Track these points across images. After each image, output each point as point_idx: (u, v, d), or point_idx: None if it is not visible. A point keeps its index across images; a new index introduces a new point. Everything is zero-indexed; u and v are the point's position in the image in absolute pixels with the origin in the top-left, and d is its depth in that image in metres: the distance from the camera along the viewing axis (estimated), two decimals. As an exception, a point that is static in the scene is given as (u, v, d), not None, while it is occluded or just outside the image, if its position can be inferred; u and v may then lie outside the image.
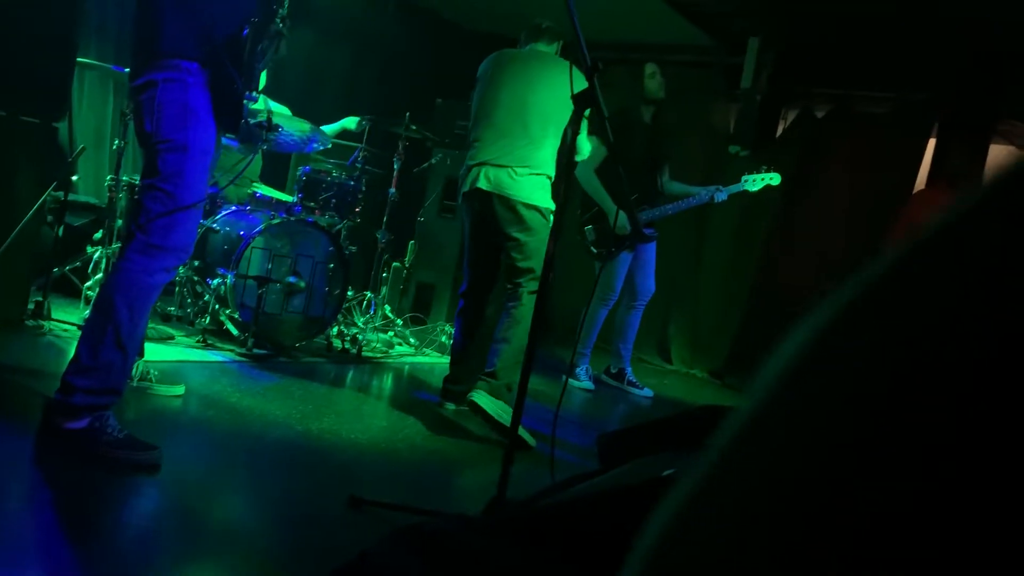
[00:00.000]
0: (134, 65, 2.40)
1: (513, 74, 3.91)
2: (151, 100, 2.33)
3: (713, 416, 1.98)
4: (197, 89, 2.34)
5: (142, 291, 2.39)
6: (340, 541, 2.18)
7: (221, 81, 2.36)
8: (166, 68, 2.32)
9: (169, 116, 2.33)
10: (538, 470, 2.90)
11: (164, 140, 2.34)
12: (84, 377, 2.33)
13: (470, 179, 3.80)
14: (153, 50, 2.34)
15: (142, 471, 2.33)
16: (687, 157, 6.28)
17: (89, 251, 4.29)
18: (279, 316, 4.39)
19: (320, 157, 5.54)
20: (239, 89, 2.38)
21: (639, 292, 5.25)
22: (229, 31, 2.34)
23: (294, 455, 2.86)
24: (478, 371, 3.72)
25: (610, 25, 6.37)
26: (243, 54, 2.34)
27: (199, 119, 2.35)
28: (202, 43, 2.32)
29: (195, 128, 2.35)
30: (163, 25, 2.34)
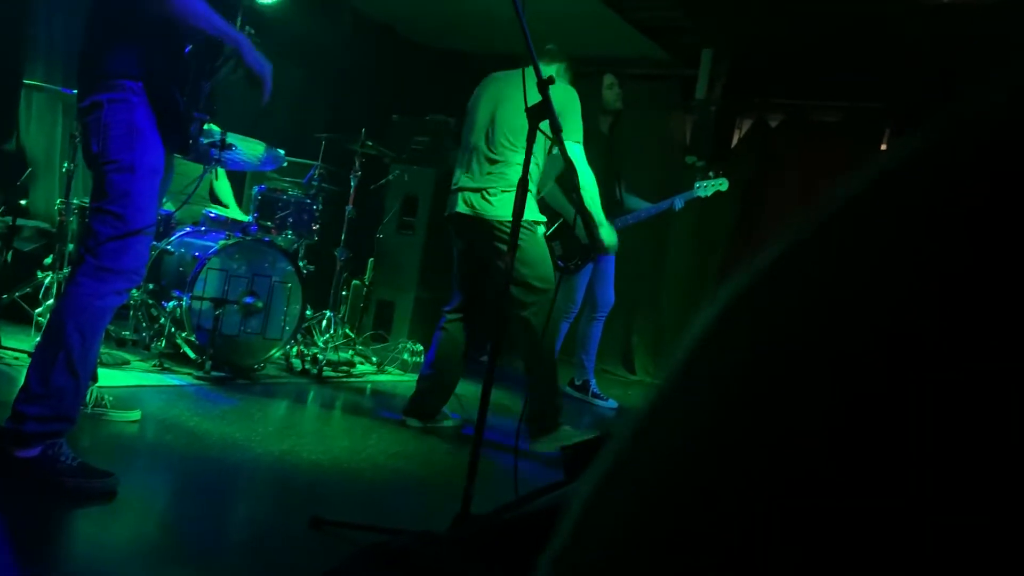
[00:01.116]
0: (80, 87, 2.36)
1: (486, 97, 3.98)
2: (97, 121, 2.29)
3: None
4: (143, 109, 2.30)
5: (93, 315, 2.33)
6: (303, 563, 2.14)
7: (164, 101, 2.32)
8: (111, 88, 2.28)
9: (115, 137, 2.29)
10: (503, 485, 2.88)
11: (111, 161, 2.29)
12: (35, 405, 2.27)
13: (450, 204, 3.85)
14: (97, 71, 2.30)
15: (97, 499, 2.27)
16: (644, 168, 6.35)
17: (39, 276, 4.19)
18: (237, 338, 4.32)
19: (275, 175, 5.49)
20: (182, 109, 2.34)
21: (599, 303, 5.26)
22: (170, 50, 2.31)
23: (255, 478, 2.81)
24: (449, 388, 3.88)
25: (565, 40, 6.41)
26: (185, 73, 2.31)
27: (146, 139, 2.32)
28: (144, 63, 2.29)
29: (142, 148, 2.31)
30: (106, 45, 2.31)
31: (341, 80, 6.91)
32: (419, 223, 5.87)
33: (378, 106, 6.53)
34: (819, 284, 0.26)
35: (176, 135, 2.39)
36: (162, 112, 2.33)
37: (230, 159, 4.54)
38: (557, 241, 5.08)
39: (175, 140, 2.40)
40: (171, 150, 2.45)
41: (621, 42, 6.52)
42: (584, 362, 5.38)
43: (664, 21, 6.27)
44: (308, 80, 6.78)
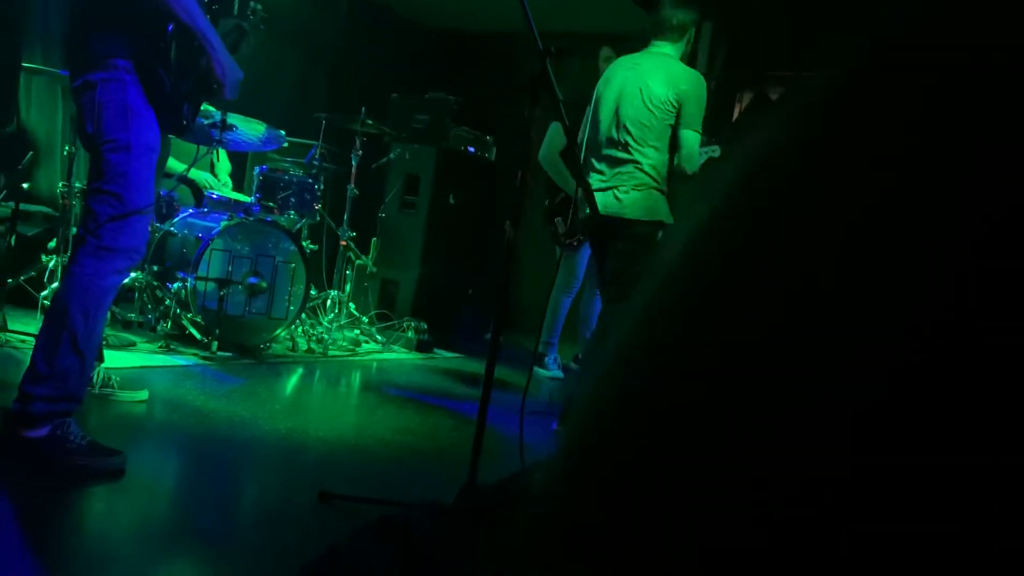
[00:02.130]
0: (71, 67, 2.36)
1: (612, 87, 3.88)
2: (91, 102, 2.29)
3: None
4: (135, 88, 2.30)
5: (96, 295, 2.35)
6: (311, 537, 2.16)
7: (151, 80, 2.32)
8: (103, 68, 2.27)
9: (109, 117, 2.29)
10: (508, 458, 2.91)
11: (107, 141, 2.30)
12: (41, 385, 2.29)
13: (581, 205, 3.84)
14: (87, 51, 2.30)
15: (106, 477, 2.30)
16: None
17: (44, 260, 4.20)
18: (242, 318, 4.34)
19: (276, 156, 5.48)
20: (168, 89, 2.33)
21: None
22: (153, 30, 2.29)
23: (262, 455, 2.83)
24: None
25: (562, 14, 6.39)
26: (168, 53, 2.30)
27: (140, 117, 2.32)
28: (130, 42, 2.28)
29: (137, 127, 2.31)
30: (93, 25, 2.30)
31: (340, 60, 6.89)
32: (421, 202, 5.87)
33: (377, 85, 6.50)
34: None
35: (167, 115, 2.39)
36: (151, 91, 2.32)
37: (231, 140, 4.54)
38: (559, 217, 5.08)
39: (167, 120, 2.40)
40: (166, 131, 2.45)
41: (618, 16, 6.48)
42: (587, 337, 5.40)
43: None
44: (307, 60, 6.76)
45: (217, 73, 2.41)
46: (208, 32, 2.35)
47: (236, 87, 2.50)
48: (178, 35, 2.31)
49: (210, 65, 2.39)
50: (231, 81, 2.46)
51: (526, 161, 2.32)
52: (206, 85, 2.49)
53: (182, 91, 2.41)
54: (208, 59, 2.39)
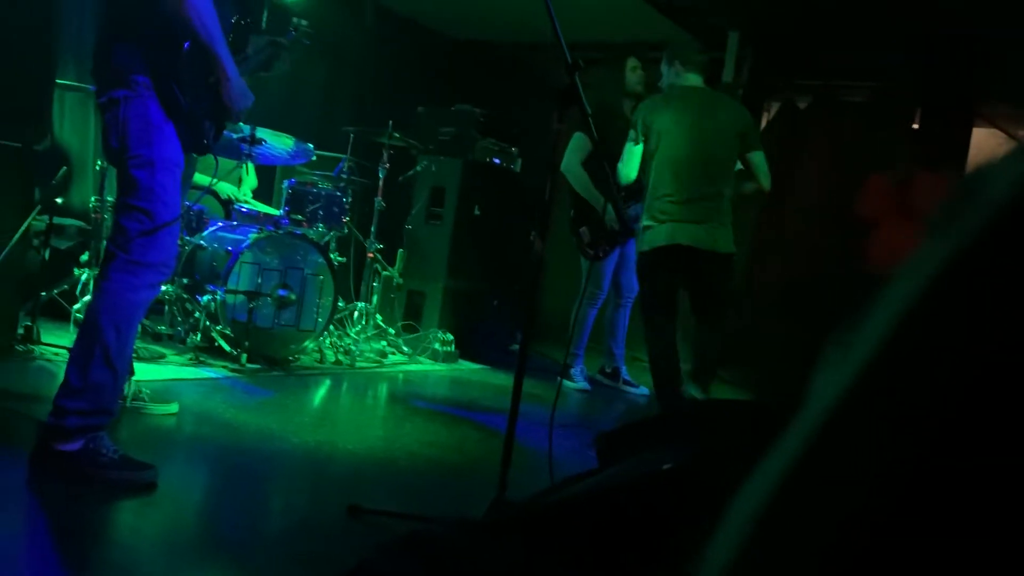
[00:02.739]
0: (96, 82, 2.38)
1: (682, 122, 4.10)
2: (115, 117, 2.31)
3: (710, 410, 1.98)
4: (155, 103, 2.32)
5: (127, 310, 2.37)
6: (340, 551, 2.16)
7: (167, 98, 2.33)
8: (125, 84, 2.30)
9: (133, 132, 2.31)
10: (537, 472, 2.89)
11: (132, 156, 2.32)
12: (75, 399, 2.31)
13: (665, 235, 4.04)
14: (110, 67, 2.32)
15: (138, 490, 2.32)
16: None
17: (76, 273, 4.26)
18: (271, 330, 4.37)
19: (305, 169, 5.53)
20: (184, 107, 2.34)
21: (624, 289, 5.23)
22: (169, 48, 2.30)
23: (291, 468, 2.84)
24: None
25: (588, 25, 6.39)
26: (182, 71, 2.31)
27: (163, 133, 2.34)
28: (149, 59, 2.30)
29: (160, 142, 2.33)
30: (116, 41, 2.33)
31: (366, 73, 6.93)
32: (447, 213, 5.88)
33: (404, 98, 6.54)
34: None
35: (187, 132, 2.40)
36: (168, 108, 2.34)
37: (260, 153, 4.58)
38: (585, 227, 5.05)
39: (187, 138, 2.41)
40: (187, 149, 2.45)
41: (645, 26, 6.48)
42: (613, 349, 5.37)
43: (688, 3, 6.21)
44: (335, 74, 6.81)
45: (224, 97, 2.44)
46: (222, 55, 2.36)
47: (245, 112, 2.54)
48: (194, 54, 2.33)
49: (219, 87, 2.41)
50: (240, 107, 2.49)
51: (554, 172, 2.32)
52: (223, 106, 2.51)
53: (200, 109, 2.41)
54: (218, 81, 2.41)
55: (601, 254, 5.02)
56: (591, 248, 5.05)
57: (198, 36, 2.29)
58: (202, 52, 2.33)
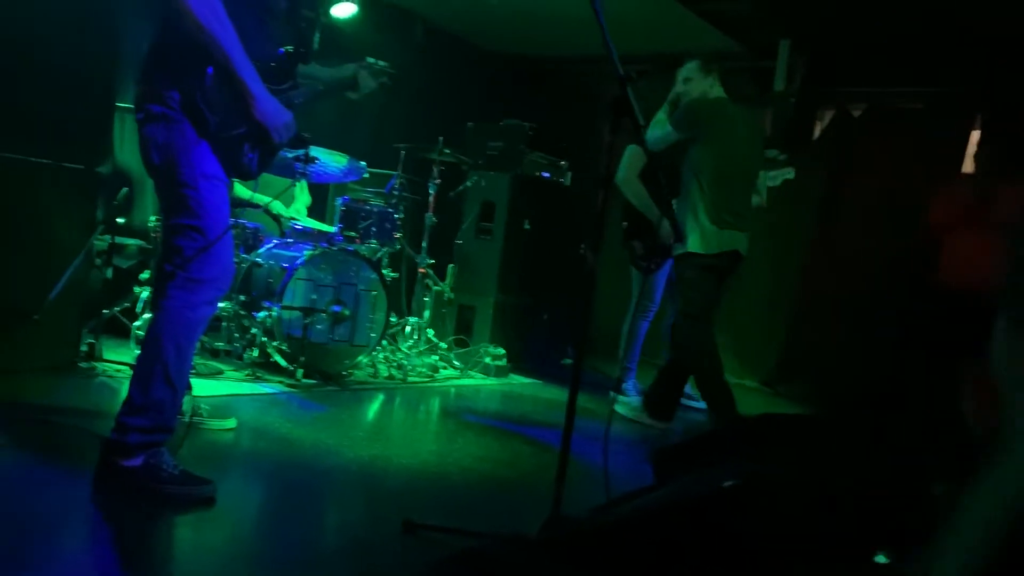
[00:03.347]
0: (135, 100, 2.39)
1: (738, 132, 4.29)
2: (154, 134, 2.33)
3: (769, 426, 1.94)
4: (189, 122, 2.32)
5: (187, 327, 2.41)
6: (395, 567, 2.16)
7: (197, 118, 2.32)
8: (161, 102, 2.31)
9: (177, 150, 2.32)
10: (591, 487, 2.87)
11: (178, 175, 2.33)
12: (137, 416, 2.35)
13: (728, 241, 4.19)
14: (149, 85, 2.35)
15: (197, 505, 2.35)
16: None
17: (136, 291, 4.36)
18: (326, 345, 4.42)
19: (357, 187, 5.59)
20: (212, 128, 2.33)
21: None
22: (197, 69, 2.29)
23: (346, 482, 2.86)
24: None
25: (637, 37, 6.37)
26: (210, 93, 2.30)
27: (201, 149, 2.35)
28: (181, 80, 2.31)
29: (199, 158, 2.34)
30: (159, 59, 2.35)
31: (416, 91, 7.00)
32: (497, 228, 5.90)
33: (453, 114, 6.58)
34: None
35: (224, 155, 2.40)
36: (199, 129, 2.34)
37: (314, 172, 4.65)
38: (638, 240, 5.02)
39: (226, 161, 2.41)
40: (229, 173, 2.45)
41: (694, 38, 6.43)
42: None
43: (737, 13, 6.16)
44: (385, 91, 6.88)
45: (256, 117, 2.39)
46: (245, 76, 2.32)
47: (284, 130, 2.47)
48: (219, 79, 2.32)
49: (251, 110, 2.37)
50: (274, 124, 2.43)
51: (606, 185, 2.30)
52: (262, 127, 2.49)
53: (235, 133, 2.40)
54: (249, 108, 2.37)
55: (653, 267, 4.99)
56: (644, 260, 5.01)
57: (216, 57, 2.27)
58: (228, 76, 2.31)
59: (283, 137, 2.48)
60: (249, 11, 2.39)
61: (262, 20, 2.46)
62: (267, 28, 2.50)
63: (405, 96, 6.99)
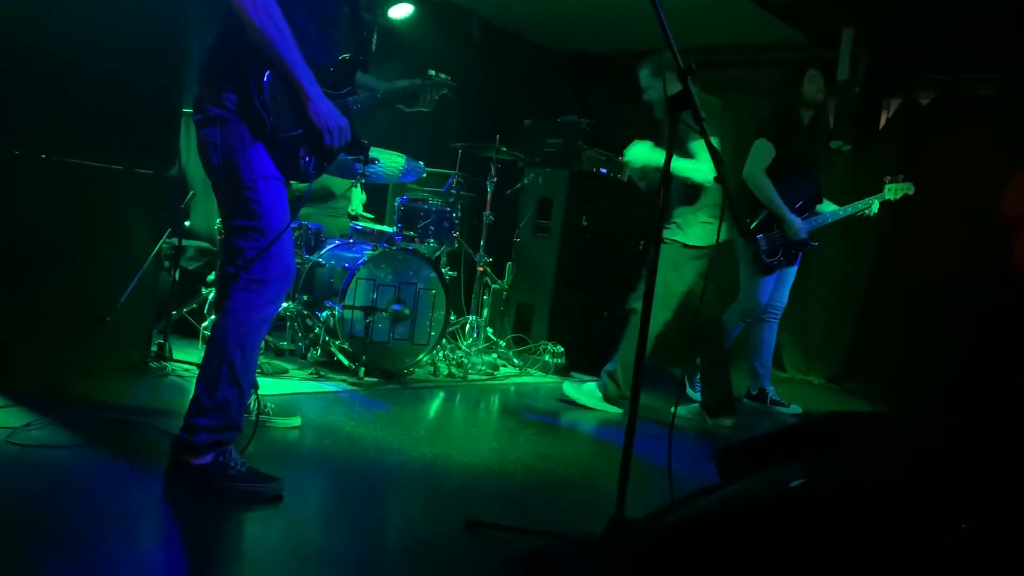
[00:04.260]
0: (195, 99, 2.43)
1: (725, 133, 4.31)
2: (213, 136, 2.36)
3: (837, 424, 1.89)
4: (245, 124, 2.35)
5: (251, 328, 2.44)
6: (459, 566, 2.17)
7: (254, 121, 2.35)
8: (218, 104, 2.35)
9: (236, 152, 2.35)
10: (655, 486, 2.84)
11: (237, 176, 2.37)
12: (205, 417, 2.40)
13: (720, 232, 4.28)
14: (207, 88, 2.38)
15: (265, 502, 2.39)
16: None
17: (203, 292, 4.46)
18: (387, 344, 4.46)
19: (416, 186, 5.63)
20: (267, 131, 2.35)
21: (775, 304, 5.02)
22: (255, 73, 2.32)
23: (409, 480, 2.88)
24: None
25: (696, 28, 6.28)
26: (267, 96, 2.32)
27: (259, 150, 2.38)
28: (239, 82, 2.34)
29: (258, 159, 2.37)
30: (218, 62, 2.39)
31: (473, 89, 7.01)
32: (554, 225, 5.88)
33: (510, 111, 6.58)
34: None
35: (279, 158, 2.42)
36: (255, 132, 2.36)
37: (373, 173, 4.70)
38: (762, 235, 4.86)
39: (281, 163, 2.43)
40: (285, 176, 2.47)
41: (754, 28, 6.32)
42: (758, 369, 5.11)
43: (799, 3, 6.02)
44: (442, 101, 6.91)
45: (312, 120, 2.41)
46: (301, 77, 2.34)
47: (341, 134, 2.48)
48: (276, 81, 2.34)
49: (306, 112, 2.39)
50: (330, 126, 2.44)
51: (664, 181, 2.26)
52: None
53: (292, 136, 2.42)
54: (305, 110, 2.39)
55: (776, 264, 4.85)
56: (769, 257, 4.84)
57: (271, 59, 2.29)
58: (285, 79, 2.34)
59: (337, 141, 2.49)
60: (310, 17, 2.42)
61: (322, 26, 2.49)
62: (327, 34, 2.52)
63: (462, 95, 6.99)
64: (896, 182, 4.89)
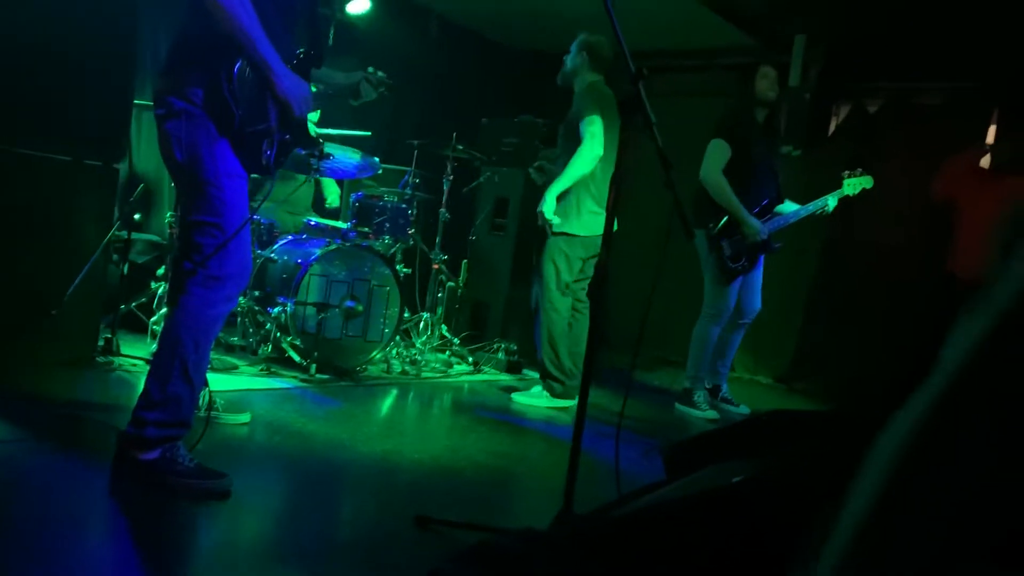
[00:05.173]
0: (155, 95, 2.40)
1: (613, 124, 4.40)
2: (177, 130, 2.34)
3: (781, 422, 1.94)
4: (212, 119, 2.34)
5: (206, 324, 2.43)
6: (408, 561, 2.18)
7: (222, 114, 2.34)
8: (184, 97, 2.33)
9: (198, 145, 2.34)
10: (603, 483, 2.88)
11: (199, 172, 2.35)
12: (154, 411, 2.38)
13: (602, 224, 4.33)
14: (171, 81, 2.36)
15: (213, 498, 2.37)
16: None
17: (153, 287, 4.40)
18: (339, 341, 4.44)
19: (371, 183, 5.61)
20: (236, 124, 2.34)
21: (746, 310, 4.97)
22: (224, 65, 2.31)
23: (360, 477, 2.88)
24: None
25: (651, 33, 6.35)
26: (237, 88, 2.31)
27: (224, 146, 2.37)
28: (205, 75, 2.32)
29: (222, 155, 2.36)
30: (182, 56, 2.37)
31: (431, 86, 7.01)
32: (510, 224, 5.91)
33: (467, 110, 6.59)
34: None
35: (244, 151, 2.41)
36: (222, 125, 2.35)
37: (328, 168, 4.67)
38: (726, 240, 4.77)
39: (245, 157, 2.43)
40: (247, 169, 2.46)
41: (708, 33, 6.41)
42: (719, 368, 5.10)
43: (753, 8, 6.13)
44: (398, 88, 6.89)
45: (278, 94, 2.40)
46: (267, 55, 2.33)
47: (305, 102, 2.47)
48: (246, 72, 2.33)
49: (272, 88, 2.38)
50: (296, 96, 2.43)
51: (618, 182, 2.30)
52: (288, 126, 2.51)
53: (256, 129, 2.41)
54: (270, 85, 2.38)
55: (740, 269, 4.77)
56: (733, 262, 4.75)
57: (240, 40, 2.28)
58: (255, 69, 2.34)
59: (304, 111, 2.49)
60: (274, 9, 2.41)
61: (284, 17, 2.48)
62: (288, 26, 2.52)
63: (419, 92, 7.01)
64: (855, 176, 4.85)
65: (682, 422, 4.70)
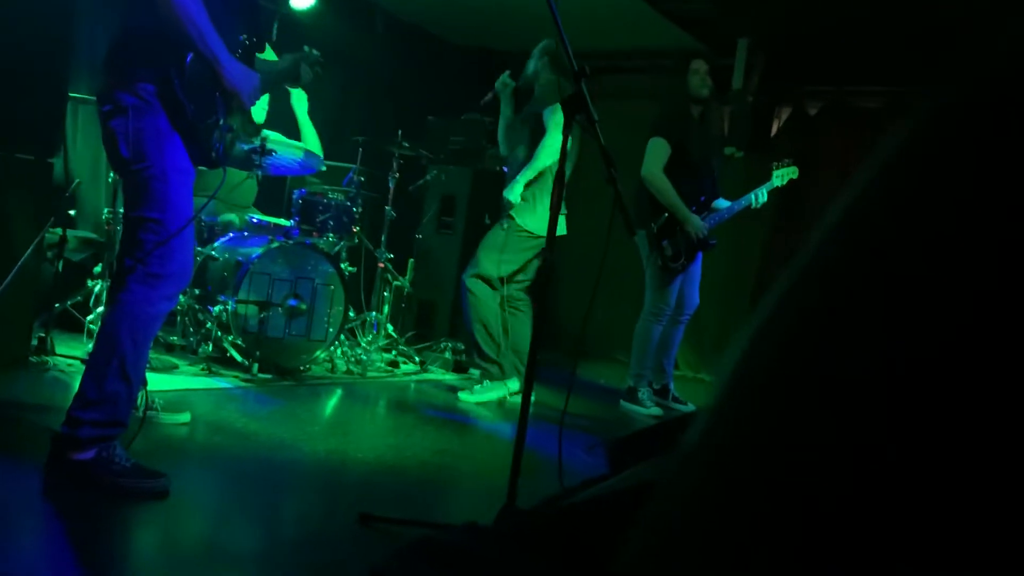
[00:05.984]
0: (101, 91, 2.37)
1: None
2: (124, 126, 2.30)
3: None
4: (163, 113, 2.32)
5: (145, 322, 2.38)
6: (351, 559, 2.17)
7: (173, 108, 2.32)
8: (132, 93, 2.29)
9: (145, 142, 2.30)
10: (547, 479, 2.89)
11: (144, 167, 2.31)
12: (90, 410, 2.32)
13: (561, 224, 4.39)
14: (118, 76, 2.32)
15: (150, 499, 2.33)
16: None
17: (89, 285, 4.29)
18: (282, 340, 4.39)
19: (315, 179, 5.56)
20: (189, 116, 2.33)
21: (686, 305, 5.01)
22: (174, 59, 2.29)
23: (302, 477, 2.85)
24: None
25: (597, 33, 6.41)
26: (186, 81, 2.29)
27: (173, 141, 2.34)
28: (158, 69, 2.30)
29: (171, 151, 2.33)
30: (127, 50, 2.33)
31: (375, 83, 6.97)
32: (457, 223, 5.90)
33: (413, 107, 6.57)
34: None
35: (194, 145, 2.40)
36: (173, 119, 2.33)
37: (271, 164, 4.61)
38: (667, 240, 4.80)
39: (195, 150, 2.41)
40: (195, 162, 2.44)
41: (653, 34, 6.49)
42: (665, 366, 5.12)
43: (698, 11, 6.22)
44: (343, 84, 6.84)
45: (226, 85, 2.41)
46: (214, 45, 2.32)
47: (254, 93, 2.51)
48: (196, 65, 2.32)
49: (221, 81, 2.39)
50: (245, 88, 2.46)
51: (560, 180, 2.32)
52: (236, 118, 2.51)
53: (208, 122, 2.40)
54: (219, 78, 2.38)
55: (680, 268, 4.81)
56: (674, 261, 4.78)
57: (187, 30, 2.25)
58: (204, 62, 2.32)
59: (253, 102, 2.52)
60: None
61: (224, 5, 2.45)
62: (230, 14, 2.49)
63: (364, 88, 6.96)
64: (782, 167, 4.90)
65: (626, 419, 4.75)
